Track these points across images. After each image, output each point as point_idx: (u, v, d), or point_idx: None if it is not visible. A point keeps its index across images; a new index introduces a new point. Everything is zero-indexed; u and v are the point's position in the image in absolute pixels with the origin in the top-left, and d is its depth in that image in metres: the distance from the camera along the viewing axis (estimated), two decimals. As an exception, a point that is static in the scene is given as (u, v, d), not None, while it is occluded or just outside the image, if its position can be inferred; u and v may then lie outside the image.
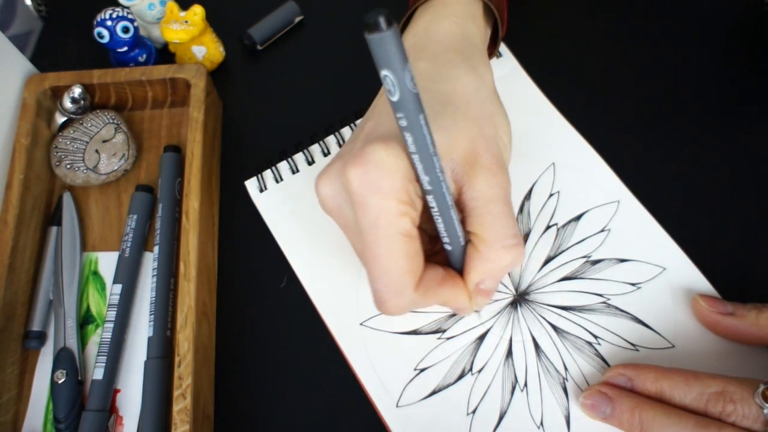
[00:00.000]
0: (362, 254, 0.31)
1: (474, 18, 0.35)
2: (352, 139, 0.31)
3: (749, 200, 0.39)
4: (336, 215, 0.32)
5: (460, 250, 0.31)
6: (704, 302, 0.35)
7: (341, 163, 0.29)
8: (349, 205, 0.29)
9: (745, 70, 0.44)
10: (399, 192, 0.27)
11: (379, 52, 0.22)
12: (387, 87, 0.23)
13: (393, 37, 0.22)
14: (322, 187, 0.31)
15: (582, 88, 0.44)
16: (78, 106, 0.43)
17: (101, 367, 0.36)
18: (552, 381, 0.35)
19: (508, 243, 0.29)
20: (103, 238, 0.41)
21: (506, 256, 0.30)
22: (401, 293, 0.29)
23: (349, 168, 0.28)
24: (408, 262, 0.29)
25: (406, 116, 0.24)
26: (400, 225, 0.28)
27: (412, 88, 0.23)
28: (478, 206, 0.29)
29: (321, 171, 0.31)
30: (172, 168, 0.42)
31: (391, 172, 0.27)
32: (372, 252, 0.28)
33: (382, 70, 0.23)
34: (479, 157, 0.29)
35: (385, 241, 0.28)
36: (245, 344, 0.38)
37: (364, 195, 0.27)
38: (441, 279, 0.31)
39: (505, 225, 0.29)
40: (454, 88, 0.31)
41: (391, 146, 0.27)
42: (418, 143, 0.25)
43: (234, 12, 0.50)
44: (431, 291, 0.30)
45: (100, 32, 0.43)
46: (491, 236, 0.29)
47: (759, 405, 0.29)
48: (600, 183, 0.40)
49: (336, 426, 0.36)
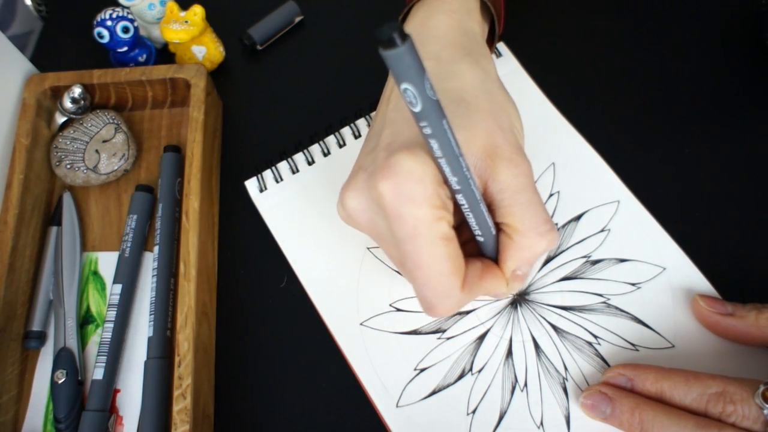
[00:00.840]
0: (401, 264, 0.31)
1: (470, 12, 0.35)
2: (371, 150, 0.31)
3: (749, 200, 0.39)
4: (367, 228, 0.32)
5: (493, 240, 0.31)
6: (704, 302, 0.35)
7: (366, 175, 0.29)
8: (381, 218, 0.29)
9: (744, 70, 0.44)
10: (432, 198, 0.27)
11: (397, 67, 0.22)
12: (408, 99, 0.23)
13: (409, 50, 0.21)
14: (350, 201, 0.31)
15: (582, 88, 0.44)
16: (78, 106, 0.43)
17: (101, 367, 0.36)
18: (552, 381, 0.35)
19: (542, 229, 0.29)
20: (103, 238, 0.41)
21: (541, 242, 0.30)
22: (449, 295, 0.29)
23: (379, 181, 0.27)
24: (451, 264, 0.28)
25: (429, 124, 0.24)
26: (438, 230, 0.28)
27: (433, 96, 0.23)
28: (506, 198, 0.29)
29: (345, 185, 0.31)
30: (172, 168, 0.42)
31: (422, 179, 0.27)
32: (414, 261, 0.28)
33: (401, 84, 0.22)
34: (499, 148, 0.29)
35: (427, 249, 0.28)
36: (245, 344, 0.38)
37: (398, 206, 0.27)
38: (481, 272, 0.31)
39: (536, 212, 0.29)
40: (462, 84, 0.31)
41: (417, 154, 0.27)
42: (444, 148, 0.25)
43: (234, 12, 0.50)
44: (475, 286, 0.30)
45: (100, 32, 0.43)
46: (524, 226, 0.29)
47: (759, 405, 0.29)
48: (600, 183, 0.40)
49: (336, 426, 0.36)
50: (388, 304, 0.38)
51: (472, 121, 0.30)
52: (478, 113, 0.30)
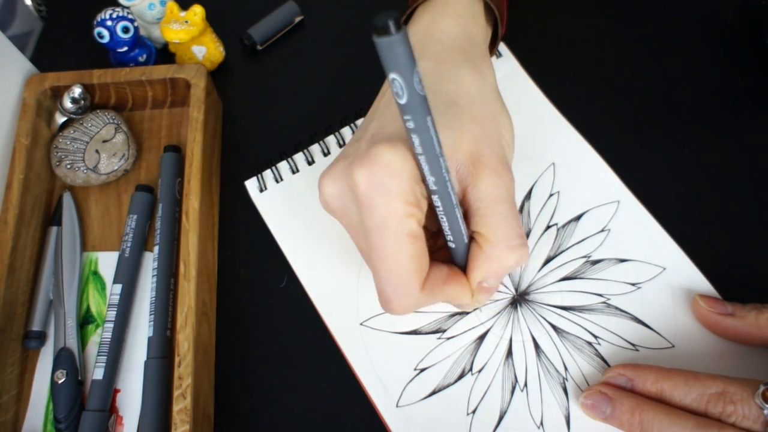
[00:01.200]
0: (367, 254, 0.31)
1: (475, 17, 0.35)
2: (356, 140, 0.31)
3: (749, 200, 0.39)
4: (340, 215, 0.32)
5: (464, 248, 0.31)
6: (704, 303, 0.35)
7: (346, 163, 0.29)
8: (355, 206, 0.29)
9: (744, 70, 0.44)
10: (406, 193, 0.27)
11: (387, 55, 0.22)
12: (395, 90, 0.23)
13: (402, 40, 0.21)
14: (326, 187, 0.31)
15: (582, 88, 0.44)
16: (78, 106, 0.43)
17: (101, 367, 0.36)
18: (552, 381, 0.35)
19: (513, 243, 0.30)
20: (103, 238, 0.41)
21: (511, 256, 0.30)
22: (408, 293, 0.29)
23: (356, 169, 0.28)
24: (414, 262, 0.29)
25: (413, 119, 0.24)
26: (406, 226, 0.28)
27: (420, 91, 0.23)
28: (483, 206, 0.29)
29: (325, 170, 0.31)
30: (172, 168, 0.42)
31: (398, 173, 0.27)
32: (378, 253, 0.28)
33: (390, 73, 0.22)
34: (483, 157, 0.29)
35: (392, 242, 0.28)
36: (245, 344, 0.38)
37: (371, 196, 0.27)
38: (445, 278, 0.31)
39: (510, 225, 0.29)
40: (458, 88, 0.31)
41: (397, 147, 0.27)
42: (425, 145, 0.25)
43: (234, 12, 0.50)
44: (437, 290, 0.30)
45: (100, 32, 0.43)
46: (496, 237, 0.29)
47: (759, 405, 0.29)
48: (600, 183, 0.40)
49: (336, 426, 0.36)
50: (388, 304, 0.38)
51: (461, 125, 0.30)
52: (468, 119, 0.30)
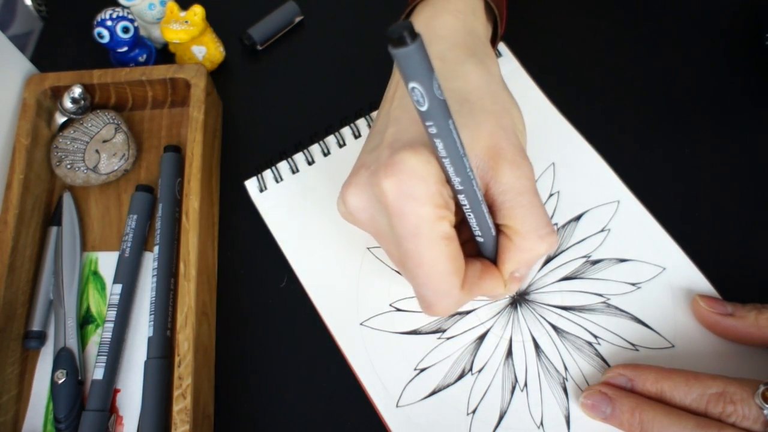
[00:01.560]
0: (401, 262, 0.31)
1: (475, 13, 0.35)
2: (373, 148, 0.31)
3: (749, 200, 0.39)
4: (368, 226, 0.32)
5: (492, 241, 0.31)
6: (704, 303, 0.35)
7: (369, 173, 0.29)
8: (383, 215, 0.29)
9: (744, 70, 0.44)
10: (434, 197, 0.27)
11: (406, 66, 0.22)
12: (415, 98, 0.23)
13: (419, 49, 0.21)
14: (351, 198, 0.31)
15: (582, 88, 0.44)
16: (78, 106, 0.43)
17: (101, 367, 0.36)
18: (552, 381, 0.35)
19: (542, 232, 0.30)
20: (103, 238, 0.41)
21: (541, 245, 0.30)
22: (449, 294, 0.29)
23: (383, 178, 0.27)
24: (452, 264, 0.29)
25: (435, 124, 0.24)
26: (440, 229, 0.28)
27: (440, 96, 0.23)
28: (508, 199, 0.29)
29: (347, 182, 0.31)
30: (172, 168, 0.42)
31: (425, 178, 0.27)
32: (415, 260, 0.28)
33: (410, 83, 0.22)
34: (501, 150, 0.29)
35: (428, 248, 0.28)
36: (245, 344, 0.38)
37: (400, 204, 0.27)
38: (480, 273, 0.31)
39: (537, 215, 0.30)
40: (466, 84, 0.31)
41: (420, 153, 0.27)
42: (449, 148, 0.25)
43: (234, 12, 0.50)
44: (474, 286, 0.30)
45: (100, 32, 0.43)
46: (525, 228, 0.29)
47: (759, 406, 0.29)
48: (600, 183, 0.40)
49: (336, 426, 0.36)
50: (388, 304, 0.38)
51: (476, 121, 0.30)
52: (482, 114, 0.30)
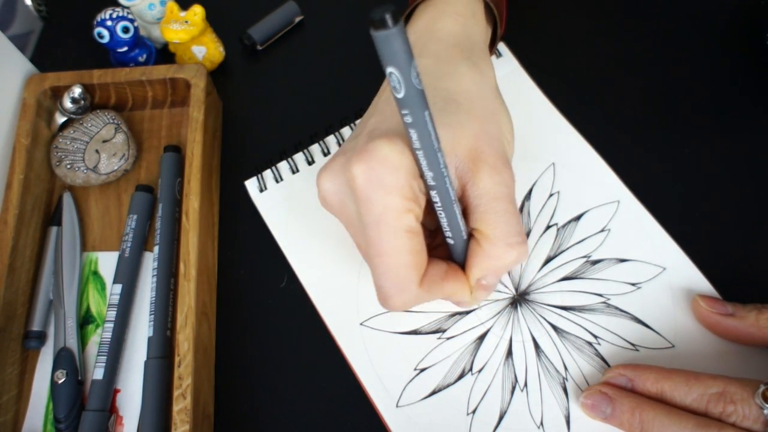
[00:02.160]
0: (365, 250, 0.31)
1: (475, 15, 0.35)
2: (355, 135, 0.31)
3: (749, 200, 0.39)
4: (338, 211, 0.32)
5: (463, 245, 0.31)
6: (704, 303, 0.35)
7: (344, 158, 0.29)
8: (353, 201, 0.29)
9: (744, 70, 0.44)
10: (403, 188, 0.27)
11: (385, 49, 0.22)
12: (392, 84, 0.23)
13: (399, 34, 0.21)
14: (324, 182, 0.31)
15: (582, 88, 0.44)
16: (78, 106, 0.43)
17: (101, 367, 0.36)
18: (552, 381, 0.35)
19: (512, 240, 0.29)
20: (103, 238, 0.41)
21: (510, 253, 0.30)
22: (406, 289, 0.29)
23: (354, 164, 0.27)
24: (412, 258, 0.29)
25: (411, 113, 0.24)
26: (404, 221, 0.28)
27: (418, 85, 0.23)
28: (482, 204, 0.29)
29: (323, 166, 0.31)
30: (172, 168, 0.42)
31: (396, 168, 0.27)
32: (376, 248, 0.28)
33: (387, 67, 0.23)
34: (483, 154, 0.29)
35: (390, 238, 0.28)
36: (245, 344, 0.38)
37: (368, 191, 0.27)
38: (444, 274, 0.31)
39: (510, 223, 0.29)
40: (457, 85, 0.31)
41: (395, 142, 0.27)
42: (423, 139, 0.25)
43: (234, 12, 0.50)
44: (435, 286, 0.30)
45: (100, 32, 0.43)
46: (495, 234, 0.29)
47: (759, 405, 0.29)
48: (600, 183, 0.40)
49: (336, 426, 0.36)
50: (388, 304, 0.38)
51: (460, 122, 0.30)
52: (468, 116, 0.30)
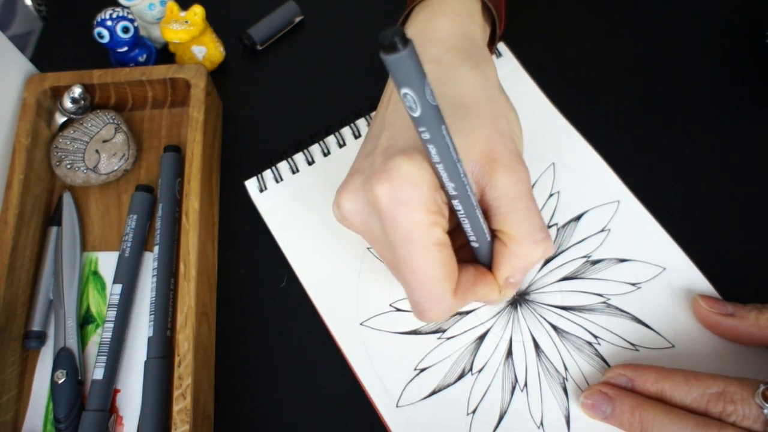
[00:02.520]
0: (395, 267, 0.31)
1: (472, 15, 0.35)
2: (368, 153, 0.31)
3: (749, 200, 0.39)
4: (362, 230, 0.31)
5: (487, 247, 0.31)
6: (704, 303, 0.35)
7: (363, 178, 0.29)
8: (377, 220, 0.29)
9: (744, 70, 0.44)
10: (427, 203, 0.27)
11: (397, 72, 0.22)
12: (408, 104, 0.23)
13: (410, 55, 0.21)
14: (345, 203, 0.31)
15: (582, 88, 0.44)
16: (78, 106, 0.43)
17: (101, 367, 0.36)
18: (552, 381, 0.35)
19: (537, 237, 0.29)
20: (103, 238, 0.41)
21: (536, 250, 0.30)
22: (442, 300, 0.29)
23: (375, 184, 0.27)
24: (445, 269, 0.28)
25: (428, 129, 0.24)
26: (432, 235, 0.28)
27: (433, 101, 0.23)
28: (503, 205, 0.29)
29: (341, 186, 0.31)
30: (172, 168, 0.42)
31: (418, 184, 0.27)
32: (407, 265, 0.28)
33: (402, 89, 0.22)
34: (497, 154, 0.29)
35: (421, 254, 0.28)
36: (245, 344, 0.38)
37: (394, 210, 0.27)
38: (474, 279, 0.31)
39: (532, 221, 0.29)
40: (462, 88, 0.31)
41: (414, 158, 0.27)
42: (442, 153, 0.25)
43: (234, 12, 0.50)
44: (468, 292, 0.30)
45: (100, 32, 0.43)
46: (520, 233, 0.29)
47: (759, 405, 0.29)
48: (600, 183, 0.40)
49: (336, 426, 0.36)
50: (388, 304, 0.38)
51: (472, 126, 0.30)
52: (477, 118, 0.30)
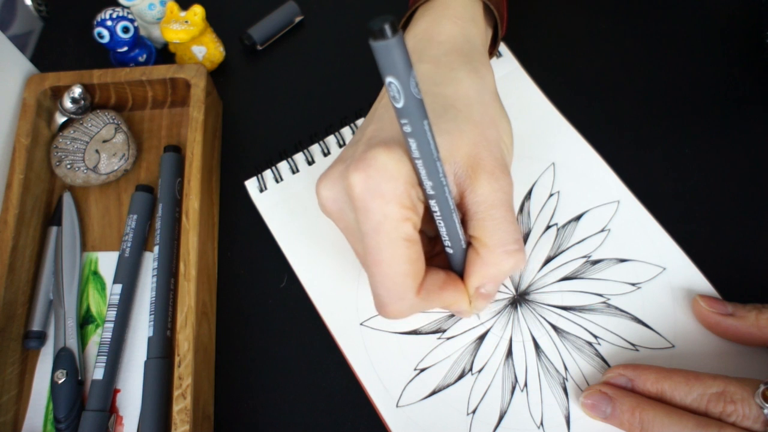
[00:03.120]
0: (363, 258, 0.31)
1: (474, 19, 0.35)
2: (354, 143, 0.31)
3: (749, 200, 0.39)
4: (336, 218, 0.32)
5: (461, 253, 0.31)
6: (704, 303, 0.35)
7: (343, 166, 0.29)
8: (351, 209, 0.29)
9: (744, 69, 0.44)
10: (401, 197, 0.27)
11: (384, 59, 0.22)
12: (391, 93, 0.23)
13: (398, 44, 0.21)
14: (323, 190, 0.31)
15: (582, 87, 0.44)
16: (78, 106, 0.43)
17: (101, 367, 0.36)
18: (552, 381, 0.35)
19: (509, 248, 0.29)
20: (103, 238, 0.41)
21: (508, 260, 0.30)
22: (403, 297, 0.29)
23: (352, 172, 0.27)
24: (410, 266, 0.29)
25: (410, 122, 0.24)
26: (402, 230, 0.28)
27: (417, 94, 0.23)
28: (481, 211, 0.29)
29: (322, 174, 0.31)
30: (172, 168, 0.42)
31: (394, 177, 0.27)
32: (374, 256, 0.28)
33: (386, 77, 0.23)
34: (482, 161, 0.29)
35: (388, 246, 0.28)
36: (245, 344, 0.38)
37: (366, 200, 0.27)
38: (442, 283, 0.31)
39: (507, 230, 0.29)
40: (456, 91, 0.31)
41: (393, 151, 0.27)
42: (422, 149, 0.25)
43: (234, 12, 0.50)
44: (433, 295, 0.30)
45: (100, 32, 0.43)
46: (493, 241, 0.29)
47: (759, 405, 0.29)
48: (600, 183, 0.40)
49: (336, 426, 0.36)
50: (388, 304, 0.38)
51: (459, 128, 0.30)
52: (466, 122, 0.30)
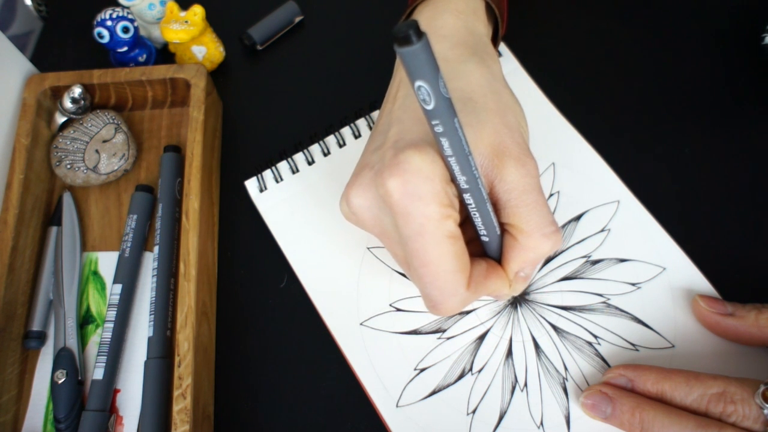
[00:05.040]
0: (406, 262, 0.30)
1: (476, 13, 0.35)
2: (376, 148, 0.31)
3: (749, 200, 0.39)
4: (372, 226, 0.31)
5: (497, 241, 0.31)
6: (704, 303, 0.35)
7: (372, 173, 0.29)
8: (388, 215, 0.29)
9: (743, 70, 0.44)
10: (440, 196, 0.27)
11: (411, 64, 0.22)
12: (421, 97, 0.23)
13: (424, 48, 0.21)
14: (355, 199, 0.31)
15: (582, 87, 0.44)
16: (78, 106, 0.43)
17: (101, 367, 0.36)
18: (552, 381, 0.35)
19: (546, 231, 0.30)
20: (103, 238, 0.41)
21: (546, 243, 0.30)
22: (455, 294, 0.29)
23: (387, 178, 0.27)
24: (458, 262, 0.29)
25: (441, 122, 0.24)
26: (445, 228, 0.28)
27: (446, 94, 0.23)
28: (512, 198, 0.29)
29: (350, 182, 0.31)
30: (172, 168, 0.42)
31: (430, 177, 0.27)
32: (420, 259, 0.28)
33: (416, 82, 0.22)
34: (506, 148, 0.29)
35: (434, 247, 0.28)
36: (245, 344, 0.38)
37: (406, 204, 0.27)
38: (485, 272, 0.31)
39: (541, 213, 0.29)
40: (468, 83, 0.31)
41: (425, 152, 0.27)
42: (455, 146, 0.25)
43: (234, 12, 0.50)
44: (480, 286, 0.30)
45: (100, 32, 0.43)
46: (530, 227, 0.29)
47: (759, 405, 0.29)
48: (600, 183, 0.40)
49: (336, 426, 0.36)
50: (388, 304, 0.38)
51: (480, 120, 0.30)
52: (485, 112, 0.30)
